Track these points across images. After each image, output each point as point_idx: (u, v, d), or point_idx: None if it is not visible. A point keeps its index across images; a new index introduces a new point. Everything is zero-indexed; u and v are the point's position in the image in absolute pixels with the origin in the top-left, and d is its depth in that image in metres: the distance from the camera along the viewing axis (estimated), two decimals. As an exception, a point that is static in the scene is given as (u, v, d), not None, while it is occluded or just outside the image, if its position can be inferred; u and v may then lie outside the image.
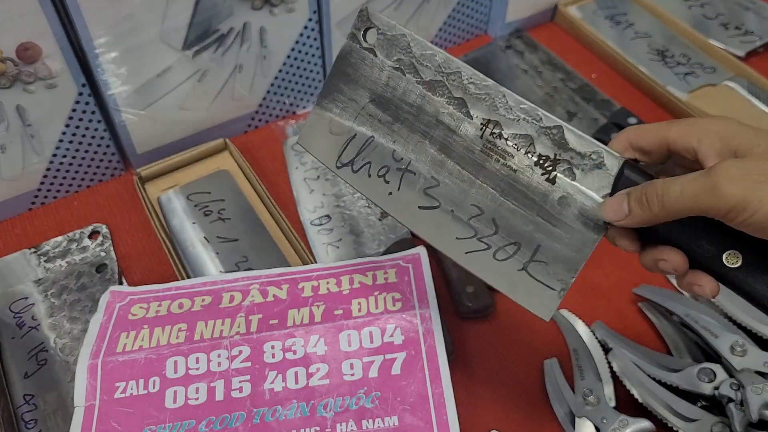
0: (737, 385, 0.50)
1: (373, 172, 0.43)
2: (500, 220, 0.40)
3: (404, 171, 0.42)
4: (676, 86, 0.77)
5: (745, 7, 0.87)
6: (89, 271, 0.63)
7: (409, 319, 0.54)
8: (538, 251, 0.40)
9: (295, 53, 0.73)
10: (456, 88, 0.41)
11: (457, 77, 0.41)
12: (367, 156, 0.43)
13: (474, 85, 0.40)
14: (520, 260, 0.40)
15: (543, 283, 0.40)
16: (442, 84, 0.41)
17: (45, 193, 0.69)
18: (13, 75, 0.59)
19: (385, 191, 0.43)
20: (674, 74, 0.79)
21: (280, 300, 0.56)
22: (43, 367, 0.56)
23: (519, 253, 0.40)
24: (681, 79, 0.78)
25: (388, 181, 0.43)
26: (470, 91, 0.40)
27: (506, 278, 0.41)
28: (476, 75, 0.41)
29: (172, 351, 0.53)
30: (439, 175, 0.41)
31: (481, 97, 0.40)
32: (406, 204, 0.43)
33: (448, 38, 0.85)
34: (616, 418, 0.51)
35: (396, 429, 0.49)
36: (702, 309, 0.55)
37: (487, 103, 0.40)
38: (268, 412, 0.50)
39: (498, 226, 0.40)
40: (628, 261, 0.64)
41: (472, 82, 0.40)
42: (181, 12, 0.63)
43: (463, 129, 0.41)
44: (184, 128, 0.72)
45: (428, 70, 0.42)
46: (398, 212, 0.43)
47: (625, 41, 0.83)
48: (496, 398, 0.55)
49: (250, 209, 0.67)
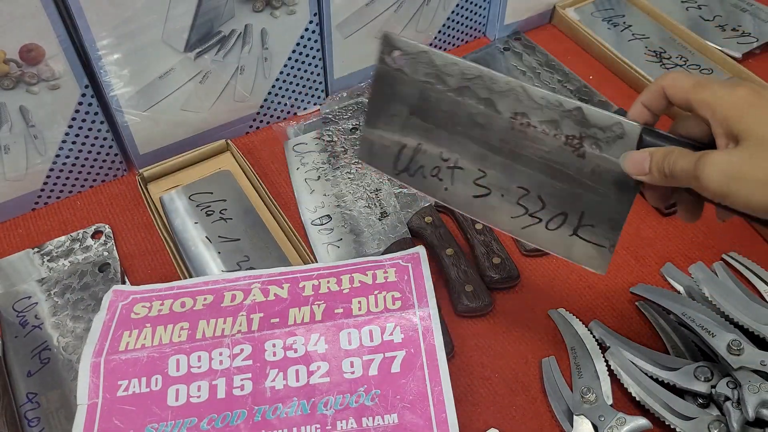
0: (734, 384, 0.50)
1: (427, 173, 0.48)
2: (545, 197, 0.46)
3: (453, 168, 0.48)
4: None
5: (742, 8, 0.87)
6: (92, 270, 0.63)
7: (408, 318, 0.54)
8: (583, 217, 0.45)
9: (296, 55, 0.73)
10: (481, 89, 0.45)
11: (479, 80, 0.45)
12: (419, 161, 0.48)
13: (496, 84, 0.45)
14: (569, 227, 0.46)
15: (593, 242, 0.45)
16: (468, 88, 0.45)
17: (48, 194, 0.69)
18: (16, 76, 0.59)
19: (441, 187, 0.48)
20: None
21: (281, 299, 0.56)
22: (46, 365, 0.57)
23: (567, 221, 0.45)
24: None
25: (442, 179, 0.48)
26: (494, 90, 0.45)
27: (561, 244, 0.46)
28: (495, 75, 0.45)
29: (174, 349, 0.53)
30: (484, 167, 0.47)
31: (505, 94, 0.44)
32: (461, 196, 0.48)
33: (447, 40, 0.85)
34: (613, 416, 0.51)
35: (396, 427, 0.49)
36: (699, 308, 0.56)
37: (512, 98, 0.44)
38: (269, 410, 0.50)
39: (544, 201, 0.46)
40: (626, 261, 0.65)
41: (494, 82, 0.45)
42: (184, 14, 0.63)
43: (495, 124, 0.45)
44: (186, 129, 0.72)
45: (452, 78, 0.46)
46: (457, 204, 0.48)
47: (622, 43, 0.84)
48: (495, 396, 0.56)
49: (252, 209, 0.68)
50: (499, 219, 0.47)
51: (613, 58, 0.82)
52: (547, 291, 0.63)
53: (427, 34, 0.82)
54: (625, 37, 0.85)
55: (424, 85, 0.47)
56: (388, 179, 0.70)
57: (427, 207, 0.67)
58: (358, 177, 0.70)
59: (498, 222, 0.48)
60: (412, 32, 0.80)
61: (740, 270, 0.62)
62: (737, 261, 0.63)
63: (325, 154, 0.73)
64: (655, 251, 0.65)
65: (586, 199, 0.45)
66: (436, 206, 0.68)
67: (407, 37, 0.47)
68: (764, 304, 0.56)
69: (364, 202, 0.68)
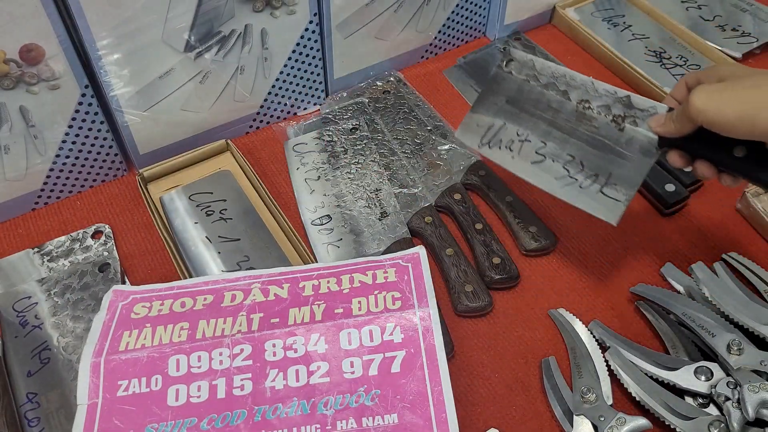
0: (734, 384, 0.51)
1: (503, 146, 0.61)
2: (585, 162, 0.58)
3: (523, 141, 0.61)
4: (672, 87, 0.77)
5: (742, 8, 0.87)
6: (92, 270, 0.63)
7: (408, 318, 0.54)
8: (610, 177, 0.57)
9: (296, 55, 0.73)
10: (562, 84, 0.60)
11: (563, 77, 0.60)
12: (500, 136, 0.62)
13: (573, 81, 0.60)
14: (598, 185, 0.57)
15: (613, 198, 0.56)
16: (553, 84, 0.60)
17: (48, 194, 0.69)
18: (16, 76, 0.59)
19: (509, 157, 0.61)
20: (671, 75, 0.80)
21: (281, 299, 0.56)
22: (46, 365, 0.57)
23: (597, 180, 0.57)
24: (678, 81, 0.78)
25: (511, 150, 0.61)
26: (571, 84, 0.60)
27: (588, 199, 0.57)
28: (575, 74, 0.60)
29: (174, 349, 0.53)
30: (546, 140, 0.60)
31: (578, 87, 0.59)
32: (522, 163, 0.60)
33: (447, 40, 0.85)
34: (613, 416, 0.51)
35: (396, 426, 0.49)
36: (699, 308, 0.56)
37: (581, 90, 0.59)
38: (269, 410, 0.50)
39: (584, 165, 0.58)
40: (626, 261, 0.65)
41: (572, 79, 0.60)
42: (184, 14, 0.63)
43: (565, 108, 0.60)
44: (186, 129, 0.72)
45: (544, 77, 0.61)
46: (517, 169, 0.60)
47: (622, 43, 0.84)
48: (495, 396, 0.56)
49: (252, 209, 0.68)
50: (546, 180, 0.59)
51: (613, 58, 0.82)
52: (547, 291, 0.63)
53: (427, 34, 0.82)
54: (625, 37, 0.85)
55: (522, 82, 0.62)
56: (388, 179, 0.70)
57: (427, 207, 0.68)
58: (358, 177, 0.71)
59: (544, 183, 0.59)
60: (412, 32, 0.81)
61: (740, 270, 0.62)
62: (737, 261, 0.63)
63: (325, 154, 0.73)
64: (655, 251, 0.65)
65: (617, 163, 0.57)
66: (437, 206, 0.68)
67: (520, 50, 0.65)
68: (764, 304, 0.56)
69: (364, 202, 0.68)
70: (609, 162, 0.57)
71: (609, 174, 0.57)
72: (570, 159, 0.58)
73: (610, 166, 0.57)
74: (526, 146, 0.60)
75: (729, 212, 0.68)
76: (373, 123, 0.76)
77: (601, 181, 0.57)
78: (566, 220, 0.68)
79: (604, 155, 0.57)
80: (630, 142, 0.57)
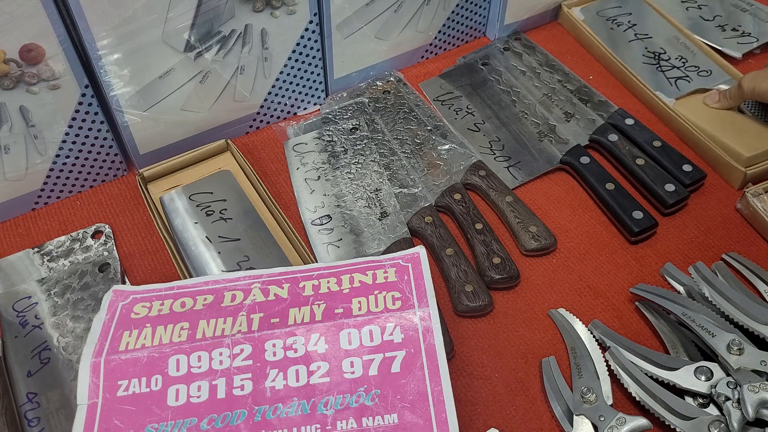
0: (734, 384, 0.51)
1: (452, 108, 0.79)
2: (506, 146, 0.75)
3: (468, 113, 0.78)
4: (665, 91, 0.77)
5: (742, 8, 0.87)
6: (92, 270, 0.63)
7: (408, 318, 0.54)
8: (518, 163, 0.73)
9: (296, 55, 0.73)
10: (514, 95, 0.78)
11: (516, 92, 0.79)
12: (452, 101, 0.79)
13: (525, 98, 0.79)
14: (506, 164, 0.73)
15: (513, 175, 0.72)
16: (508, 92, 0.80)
17: (48, 194, 0.69)
18: (16, 76, 0.59)
19: (453, 117, 0.78)
20: (666, 78, 0.79)
21: (281, 299, 0.56)
22: (46, 365, 0.57)
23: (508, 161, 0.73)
24: (672, 84, 0.78)
25: (457, 114, 0.78)
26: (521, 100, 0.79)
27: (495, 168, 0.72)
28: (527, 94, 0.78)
29: (174, 349, 0.53)
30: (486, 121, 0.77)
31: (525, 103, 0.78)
32: (460, 125, 0.77)
33: (447, 40, 0.85)
34: (613, 416, 0.51)
35: (396, 426, 0.49)
36: (699, 308, 0.56)
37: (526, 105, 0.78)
38: (269, 410, 0.50)
39: (503, 148, 0.74)
40: (626, 260, 0.65)
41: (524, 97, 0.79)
42: (184, 14, 0.63)
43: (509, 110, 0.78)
44: (186, 129, 0.72)
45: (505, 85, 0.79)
46: (454, 128, 0.76)
47: (622, 43, 0.84)
48: (495, 396, 0.56)
49: (252, 209, 0.68)
50: (471, 144, 0.74)
51: (611, 58, 0.82)
52: (547, 291, 0.63)
53: (427, 34, 0.82)
54: (627, 37, 0.85)
55: (488, 79, 0.81)
56: (388, 179, 0.70)
57: (427, 207, 0.68)
58: (358, 177, 0.71)
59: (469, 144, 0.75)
60: (412, 32, 0.81)
61: (740, 270, 0.62)
62: (737, 261, 0.63)
63: (325, 154, 0.73)
64: (655, 251, 0.65)
65: (526, 158, 0.73)
66: (437, 206, 0.68)
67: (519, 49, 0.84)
68: (764, 304, 0.56)
69: (364, 202, 0.68)
70: (521, 155, 0.73)
71: (518, 161, 0.73)
72: (496, 140, 0.75)
73: (521, 156, 0.73)
74: (468, 117, 0.78)
75: (729, 212, 0.68)
76: (373, 123, 0.76)
77: (510, 162, 0.72)
78: (566, 220, 0.68)
79: (520, 149, 0.74)
80: (541, 151, 0.73)
